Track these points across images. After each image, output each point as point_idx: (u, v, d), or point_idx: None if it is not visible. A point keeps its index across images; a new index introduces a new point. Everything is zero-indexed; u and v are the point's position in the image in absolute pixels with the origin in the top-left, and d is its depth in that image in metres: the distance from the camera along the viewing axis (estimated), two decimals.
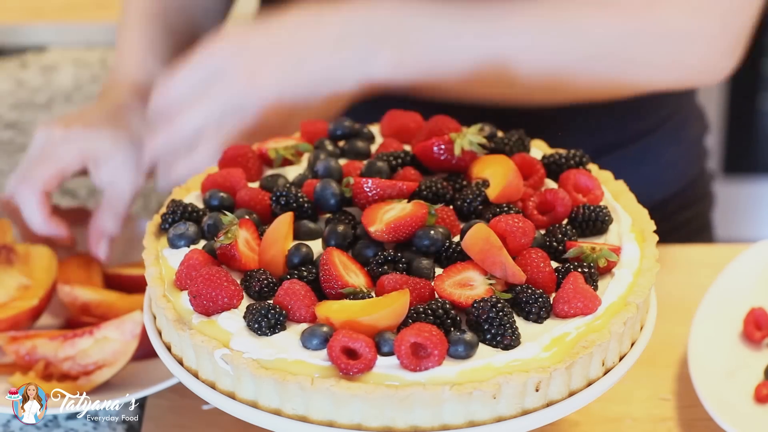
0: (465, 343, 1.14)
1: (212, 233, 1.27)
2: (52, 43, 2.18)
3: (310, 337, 1.15)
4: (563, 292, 1.20)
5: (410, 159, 1.37)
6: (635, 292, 1.23)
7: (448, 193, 1.32)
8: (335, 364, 1.13)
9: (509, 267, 1.20)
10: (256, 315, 1.17)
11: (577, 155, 1.37)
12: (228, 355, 1.16)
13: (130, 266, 1.60)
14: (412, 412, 1.13)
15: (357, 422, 1.14)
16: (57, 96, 2.02)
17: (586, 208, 1.30)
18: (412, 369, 1.12)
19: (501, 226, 1.23)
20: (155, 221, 1.32)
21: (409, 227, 1.24)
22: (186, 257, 1.23)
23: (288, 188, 1.31)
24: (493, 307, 1.15)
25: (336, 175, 1.35)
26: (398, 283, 1.19)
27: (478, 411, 1.14)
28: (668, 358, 1.47)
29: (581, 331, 1.18)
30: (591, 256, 1.24)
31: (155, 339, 1.27)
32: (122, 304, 1.50)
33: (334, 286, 1.19)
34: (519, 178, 1.32)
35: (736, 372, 1.42)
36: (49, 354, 1.43)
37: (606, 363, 1.21)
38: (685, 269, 1.61)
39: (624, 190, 1.37)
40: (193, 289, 1.20)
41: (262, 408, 1.17)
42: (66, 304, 1.52)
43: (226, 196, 1.33)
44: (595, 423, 1.39)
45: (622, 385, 1.28)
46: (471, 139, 1.33)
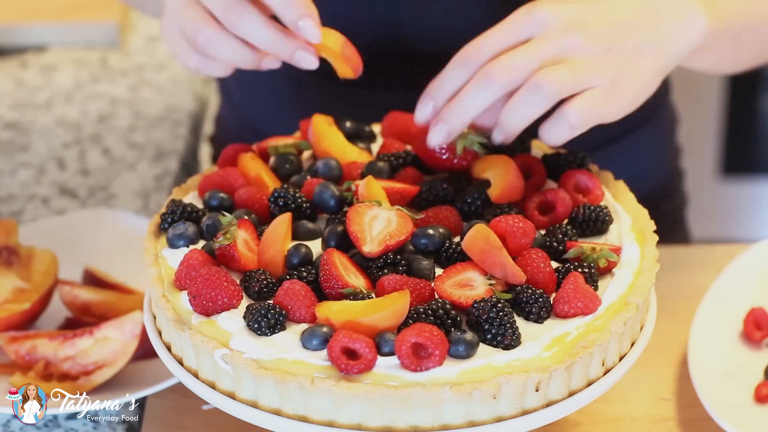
0: (466, 343, 1.14)
1: (211, 233, 1.27)
2: (52, 43, 2.18)
3: (310, 338, 1.15)
4: (563, 292, 1.20)
5: (412, 159, 1.37)
6: (635, 292, 1.23)
7: (450, 194, 1.32)
8: (335, 365, 1.13)
9: (509, 267, 1.20)
10: (255, 315, 1.17)
11: (578, 155, 1.37)
12: (228, 355, 1.16)
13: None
14: (412, 412, 1.13)
15: (357, 422, 1.14)
16: (57, 96, 2.02)
17: (587, 209, 1.30)
18: (413, 369, 1.12)
19: (501, 227, 1.23)
20: (154, 221, 1.32)
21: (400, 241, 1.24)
22: (185, 257, 1.23)
23: (286, 189, 1.31)
24: (494, 307, 1.15)
25: (336, 174, 1.35)
26: (398, 284, 1.19)
27: (478, 411, 1.14)
28: (668, 358, 1.47)
29: (581, 331, 1.18)
30: (591, 256, 1.24)
31: (155, 339, 1.27)
32: (122, 304, 1.50)
33: (334, 287, 1.19)
34: (520, 179, 1.32)
35: (736, 372, 1.42)
36: (49, 354, 1.43)
37: (606, 363, 1.21)
38: (685, 269, 1.61)
39: (624, 190, 1.37)
40: (192, 289, 1.20)
41: (262, 408, 1.17)
42: (66, 304, 1.52)
43: (225, 196, 1.33)
44: (595, 423, 1.39)
45: (622, 385, 1.28)
46: (473, 139, 1.33)
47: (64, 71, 2.11)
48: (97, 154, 1.89)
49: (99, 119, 1.98)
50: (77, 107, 2.01)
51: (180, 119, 1.98)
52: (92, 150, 1.90)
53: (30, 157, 1.89)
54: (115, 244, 1.65)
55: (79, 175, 1.84)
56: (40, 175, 1.84)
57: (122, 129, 1.95)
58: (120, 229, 1.67)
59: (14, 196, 1.80)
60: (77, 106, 2.01)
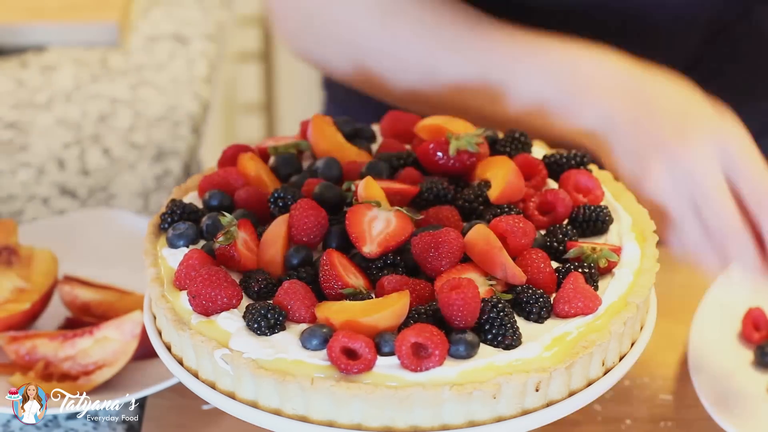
0: (466, 344, 1.14)
1: (211, 233, 1.27)
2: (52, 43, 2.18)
3: (310, 338, 1.15)
4: (563, 292, 1.20)
5: (412, 160, 1.37)
6: (635, 292, 1.23)
7: (450, 193, 1.31)
8: (335, 365, 1.13)
9: (509, 267, 1.20)
10: (255, 315, 1.17)
11: (577, 155, 1.37)
12: (228, 355, 1.16)
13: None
14: (412, 412, 1.13)
15: (357, 422, 1.14)
16: (57, 96, 2.02)
17: (587, 209, 1.30)
18: (413, 369, 1.12)
19: (501, 227, 1.23)
20: (154, 221, 1.32)
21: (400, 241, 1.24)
22: (185, 257, 1.23)
23: (286, 189, 1.31)
24: (494, 307, 1.15)
25: (336, 174, 1.35)
26: (398, 285, 1.19)
27: (478, 411, 1.14)
28: (668, 358, 1.47)
29: (582, 331, 1.18)
30: (591, 256, 1.24)
31: (155, 339, 1.27)
32: (122, 304, 1.50)
33: (334, 287, 1.19)
34: (520, 179, 1.32)
35: (735, 372, 1.42)
36: (49, 354, 1.43)
37: (606, 363, 1.21)
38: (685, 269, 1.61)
39: (624, 190, 1.37)
40: (192, 289, 1.20)
41: (262, 408, 1.17)
42: (66, 304, 1.52)
43: (224, 196, 1.33)
44: (595, 423, 1.39)
45: (622, 385, 1.28)
46: (468, 140, 1.33)
47: (64, 71, 2.11)
48: (97, 154, 1.89)
49: (99, 119, 1.98)
50: (77, 107, 2.00)
51: (180, 119, 1.98)
52: (92, 150, 1.90)
53: (30, 157, 1.89)
54: (115, 244, 1.64)
55: (79, 175, 1.84)
56: (40, 175, 1.84)
57: (122, 129, 1.95)
58: (120, 229, 1.67)
59: (14, 196, 1.80)
60: (77, 106, 2.01)
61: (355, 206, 1.24)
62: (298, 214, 1.25)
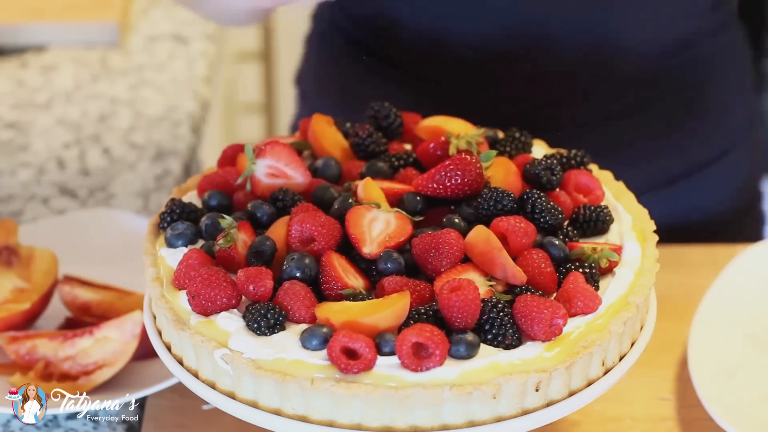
0: (467, 344, 1.14)
1: (210, 233, 1.27)
2: (52, 43, 2.18)
3: (310, 338, 1.15)
4: (564, 292, 1.20)
5: (413, 160, 1.37)
6: (635, 292, 1.23)
7: None
8: (335, 365, 1.13)
9: (509, 268, 1.20)
10: (255, 315, 1.17)
11: (578, 155, 1.37)
12: (228, 355, 1.16)
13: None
14: (412, 412, 1.13)
15: (357, 422, 1.14)
16: (57, 96, 2.02)
17: (587, 209, 1.30)
18: (414, 369, 1.12)
19: (501, 227, 1.23)
20: (154, 221, 1.32)
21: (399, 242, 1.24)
22: (184, 257, 1.23)
23: (285, 190, 1.30)
24: (494, 307, 1.16)
25: (336, 174, 1.34)
26: (399, 285, 1.19)
27: (478, 411, 1.14)
28: (668, 358, 1.47)
29: (582, 331, 1.18)
30: (592, 256, 1.24)
31: (155, 339, 1.27)
32: (122, 304, 1.50)
33: (333, 288, 1.19)
34: (520, 179, 1.32)
35: (736, 372, 1.42)
36: (49, 354, 1.43)
37: (606, 363, 1.21)
38: (685, 269, 1.61)
39: (624, 190, 1.37)
40: (191, 289, 1.20)
41: (262, 408, 1.17)
42: (66, 303, 1.52)
43: (224, 196, 1.33)
44: (595, 423, 1.39)
45: (622, 385, 1.28)
46: (468, 140, 1.33)
47: (64, 71, 2.11)
48: (97, 154, 1.89)
49: (99, 119, 1.98)
50: (77, 107, 2.01)
51: (180, 119, 1.98)
52: (92, 150, 1.90)
53: (30, 157, 1.89)
54: (114, 244, 1.64)
55: (79, 175, 1.84)
56: (40, 175, 1.84)
57: (122, 129, 1.95)
58: (120, 229, 1.67)
59: (14, 196, 1.80)
60: (77, 106, 2.01)
61: (355, 207, 1.24)
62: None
